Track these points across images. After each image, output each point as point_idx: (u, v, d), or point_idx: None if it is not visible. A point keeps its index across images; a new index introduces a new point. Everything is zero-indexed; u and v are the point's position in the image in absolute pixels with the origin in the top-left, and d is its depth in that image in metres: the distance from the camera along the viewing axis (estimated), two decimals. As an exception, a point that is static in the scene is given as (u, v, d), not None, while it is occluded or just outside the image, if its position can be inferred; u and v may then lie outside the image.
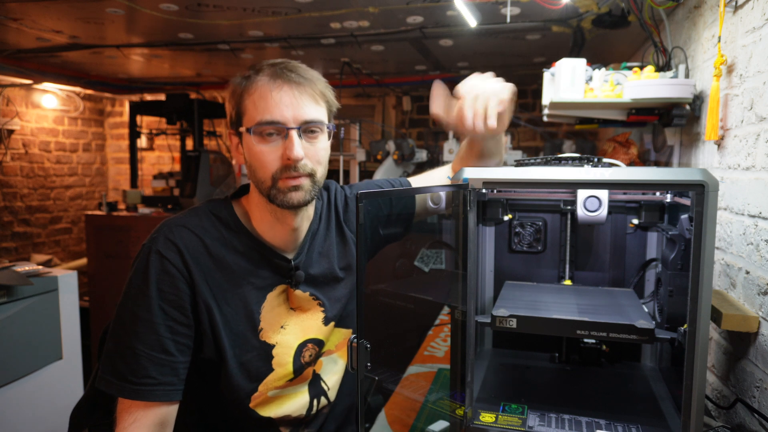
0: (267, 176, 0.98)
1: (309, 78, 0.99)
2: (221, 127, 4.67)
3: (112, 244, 3.48)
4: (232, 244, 1.02)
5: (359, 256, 0.93)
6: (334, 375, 1.16)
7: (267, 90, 0.96)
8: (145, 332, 0.93)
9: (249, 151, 1.00)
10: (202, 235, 1.00)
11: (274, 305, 1.06)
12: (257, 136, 0.97)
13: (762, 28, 1.16)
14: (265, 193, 1.00)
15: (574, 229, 1.23)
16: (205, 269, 0.98)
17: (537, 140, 4.59)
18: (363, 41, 2.97)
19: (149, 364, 0.92)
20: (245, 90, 0.98)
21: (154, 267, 0.95)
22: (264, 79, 0.97)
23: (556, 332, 1.00)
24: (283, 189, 0.97)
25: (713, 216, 0.84)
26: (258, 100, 0.96)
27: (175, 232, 0.98)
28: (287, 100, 0.96)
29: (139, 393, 0.92)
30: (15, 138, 4.34)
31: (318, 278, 1.11)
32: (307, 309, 1.10)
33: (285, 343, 1.06)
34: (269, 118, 0.95)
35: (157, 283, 0.94)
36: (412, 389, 1.46)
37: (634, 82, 1.66)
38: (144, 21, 2.66)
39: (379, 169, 3.49)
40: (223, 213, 1.04)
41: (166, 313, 0.94)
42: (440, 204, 1.30)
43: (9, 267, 1.97)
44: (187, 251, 0.97)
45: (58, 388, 2.11)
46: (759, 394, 1.09)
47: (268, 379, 1.05)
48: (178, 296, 0.95)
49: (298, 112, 0.96)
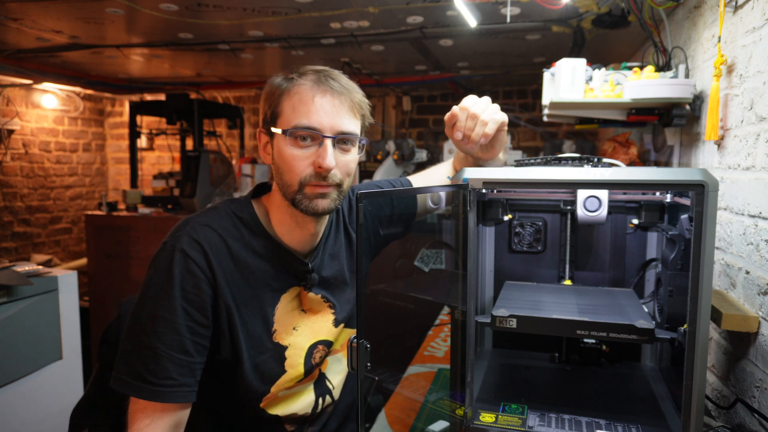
0: (295, 180, 0.97)
1: (349, 89, 1.00)
2: (221, 127, 4.67)
3: (112, 244, 3.48)
4: (253, 246, 1.02)
5: (359, 256, 0.94)
6: (339, 374, 1.17)
7: (309, 95, 0.96)
8: (166, 332, 0.91)
9: (280, 153, 0.99)
10: (225, 236, 0.99)
11: (288, 307, 1.06)
12: (291, 139, 0.96)
13: (762, 28, 1.16)
14: (290, 197, 0.99)
15: (574, 229, 1.23)
16: (227, 270, 0.98)
17: (537, 140, 4.59)
18: (363, 41, 2.97)
19: (170, 364, 0.91)
20: (286, 91, 0.98)
21: (179, 266, 0.94)
22: (307, 84, 0.97)
23: (556, 332, 1.00)
24: (310, 195, 0.98)
25: (713, 216, 0.84)
26: (298, 104, 0.96)
27: (200, 232, 0.97)
28: (327, 108, 0.96)
29: (157, 394, 0.90)
30: (15, 138, 4.34)
31: (329, 280, 1.12)
32: (318, 311, 1.11)
33: (297, 345, 1.07)
34: (307, 123, 0.95)
35: (181, 283, 0.93)
36: (412, 389, 1.46)
37: (634, 82, 1.66)
38: (144, 21, 2.66)
39: (379, 169, 3.49)
40: (245, 214, 1.04)
41: (188, 313, 0.93)
42: (440, 204, 1.30)
43: (9, 267, 1.97)
44: (211, 251, 0.96)
45: (58, 388, 2.10)
46: (759, 394, 1.09)
47: (281, 380, 1.05)
48: (201, 297, 0.94)
49: (336, 122, 0.97)
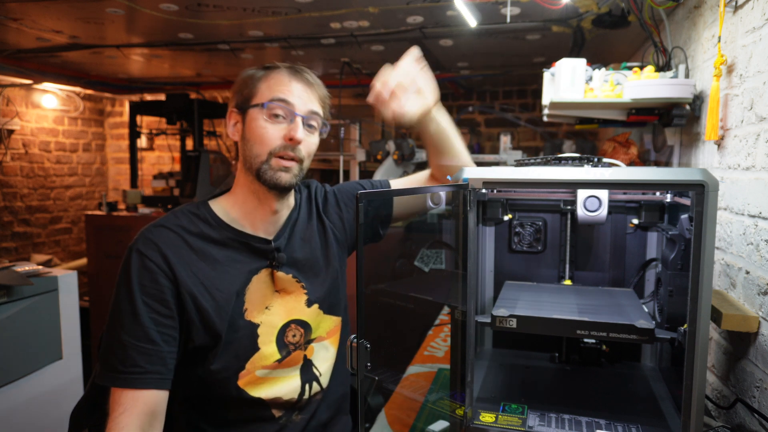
0: (264, 151, 1.06)
1: (318, 83, 1.15)
2: (221, 127, 4.66)
3: (112, 244, 3.48)
4: (212, 237, 1.09)
5: (359, 256, 0.94)
6: (326, 362, 1.20)
7: (286, 78, 1.09)
8: (130, 324, 0.99)
9: (251, 127, 1.08)
10: (180, 232, 1.07)
11: (260, 287, 1.12)
12: (267, 112, 1.07)
13: (762, 28, 1.16)
14: (255, 168, 1.07)
15: (574, 229, 1.23)
16: (189, 262, 1.05)
17: (537, 140, 4.59)
18: (363, 41, 2.97)
19: (136, 354, 0.98)
20: (263, 77, 1.10)
21: (135, 264, 1.02)
22: (284, 71, 1.11)
23: (556, 332, 1.00)
24: (275, 167, 1.07)
25: (713, 216, 0.84)
26: (275, 84, 1.08)
27: (154, 232, 1.06)
28: (300, 91, 1.09)
29: (127, 381, 0.97)
30: (15, 138, 4.34)
31: (301, 261, 1.17)
32: (290, 291, 1.16)
33: (269, 323, 1.12)
34: (283, 97, 1.07)
35: (138, 278, 1.01)
36: (412, 389, 1.46)
37: (634, 82, 1.66)
38: (144, 21, 2.66)
39: (379, 169, 3.49)
40: (201, 211, 1.12)
41: (148, 305, 1.00)
42: (440, 204, 1.30)
43: (9, 267, 1.97)
44: (166, 247, 1.04)
45: (58, 388, 2.10)
46: (759, 394, 1.09)
47: (255, 357, 1.10)
48: (159, 290, 1.01)
49: (307, 104, 1.10)
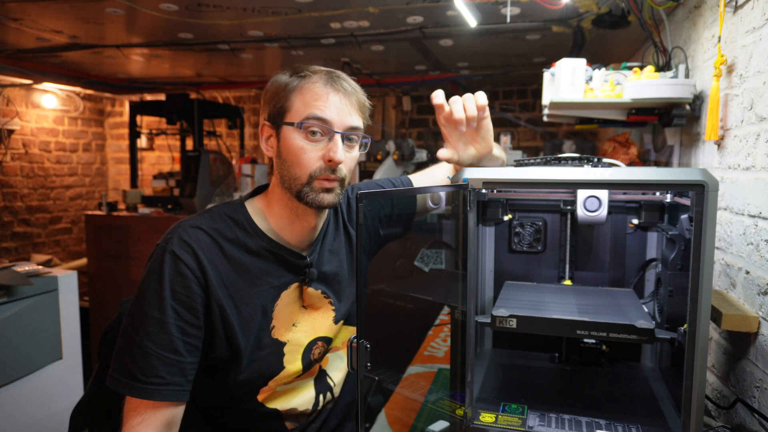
0: (304, 173, 1.00)
1: (357, 90, 1.05)
2: (221, 127, 4.67)
3: (112, 244, 3.48)
4: (247, 246, 1.03)
5: (359, 256, 0.94)
6: (340, 372, 1.18)
7: (323, 91, 1.00)
8: (156, 332, 0.93)
9: (288, 146, 1.01)
10: (217, 237, 1.01)
11: (288, 303, 1.07)
12: (303, 132, 0.99)
13: (762, 28, 1.16)
14: (296, 190, 1.01)
15: (574, 229, 1.23)
16: (221, 271, 0.99)
17: (537, 140, 4.59)
18: (363, 41, 2.96)
19: (159, 363, 0.92)
20: (297, 87, 1.01)
21: (169, 267, 0.95)
22: (320, 81, 1.01)
23: (556, 332, 1.00)
24: (317, 189, 1.00)
25: (713, 216, 0.84)
26: (311, 99, 1.00)
27: (190, 233, 0.99)
28: (338, 104, 1.00)
29: (146, 392, 0.92)
30: (15, 138, 4.34)
31: (329, 276, 1.13)
32: (318, 307, 1.12)
33: (295, 341, 1.08)
34: (320, 115, 0.98)
35: (171, 284, 0.95)
36: (412, 389, 1.46)
37: (634, 82, 1.66)
38: (144, 21, 2.66)
39: (379, 169, 3.49)
40: (238, 215, 1.05)
41: (177, 313, 0.95)
42: (440, 204, 1.30)
43: (9, 267, 1.97)
44: (201, 252, 0.98)
45: (58, 388, 2.10)
46: (759, 394, 1.09)
47: (279, 376, 1.06)
48: (191, 297, 0.96)
49: (345, 119, 1.01)
